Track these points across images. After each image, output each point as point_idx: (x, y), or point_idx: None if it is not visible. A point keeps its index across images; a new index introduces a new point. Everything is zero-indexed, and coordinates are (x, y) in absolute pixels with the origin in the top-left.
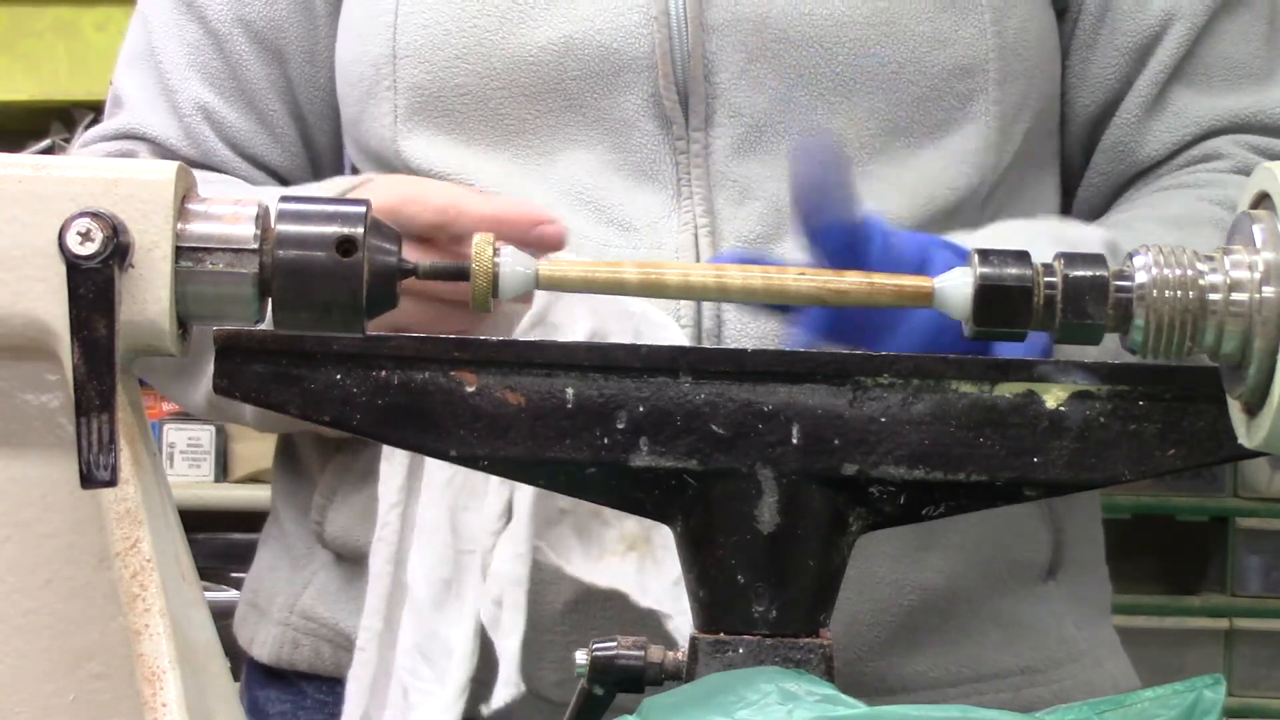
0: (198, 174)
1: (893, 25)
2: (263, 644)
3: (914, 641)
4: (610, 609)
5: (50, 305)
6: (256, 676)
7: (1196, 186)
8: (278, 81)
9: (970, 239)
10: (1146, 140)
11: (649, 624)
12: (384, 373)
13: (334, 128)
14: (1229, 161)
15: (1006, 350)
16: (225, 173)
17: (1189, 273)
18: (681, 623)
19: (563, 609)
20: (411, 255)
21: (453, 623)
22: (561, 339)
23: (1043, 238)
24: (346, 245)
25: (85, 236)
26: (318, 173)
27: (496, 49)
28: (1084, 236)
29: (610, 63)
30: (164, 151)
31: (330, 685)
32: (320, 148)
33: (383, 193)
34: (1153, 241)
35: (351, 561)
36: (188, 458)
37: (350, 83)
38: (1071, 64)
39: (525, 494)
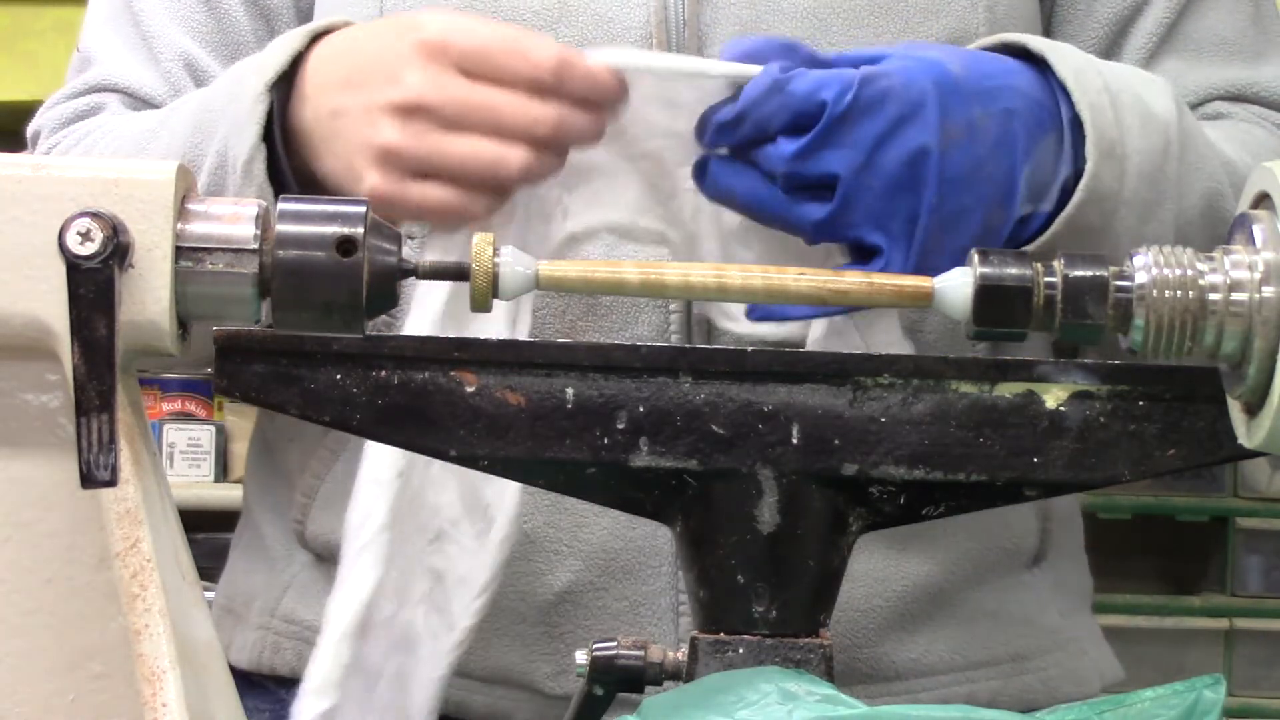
0: (118, 117)
1: None
2: (240, 649)
3: (906, 628)
4: (602, 598)
5: (50, 305)
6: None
7: (1215, 124)
8: (264, 39)
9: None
10: None
11: (640, 615)
12: (384, 373)
13: None
14: (1235, 118)
15: None
16: None
17: (1189, 273)
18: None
19: (554, 599)
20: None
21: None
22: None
23: (1114, 64)
24: (346, 245)
25: (85, 236)
26: None
27: (488, 11)
28: (1151, 76)
29: (604, 30)
30: (136, 102)
31: None
32: None
33: (451, 32)
34: (1208, 128)
35: (333, 562)
36: (188, 458)
37: None
38: (1053, 40)
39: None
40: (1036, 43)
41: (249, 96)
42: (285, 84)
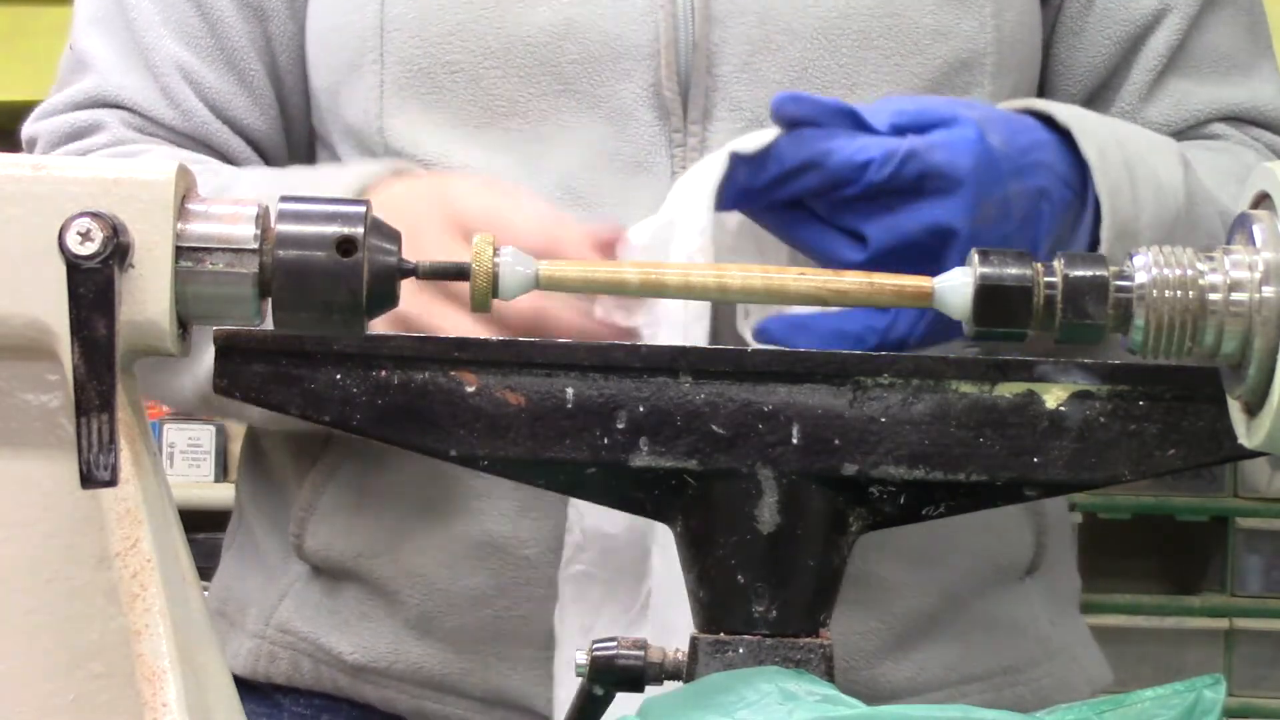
0: (190, 163)
1: (896, 18)
2: (235, 655)
3: (903, 648)
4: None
5: (50, 305)
6: None
7: (1211, 150)
8: (257, 40)
9: (1060, 109)
10: (1145, 124)
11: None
12: (384, 373)
13: (310, 89)
14: (1231, 139)
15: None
16: (204, 137)
17: (1189, 272)
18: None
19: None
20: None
21: None
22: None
23: (1128, 127)
24: (346, 245)
25: (85, 236)
26: (290, 137)
27: (493, 26)
28: (1158, 138)
29: (611, 48)
30: (139, 119)
31: (309, 699)
32: (294, 109)
33: (468, 208)
34: (1204, 169)
35: (331, 575)
36: (188, 458)
37: (330, 51)
38: (1056, 52)
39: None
40: (1063, 114)
41: None
42: None
